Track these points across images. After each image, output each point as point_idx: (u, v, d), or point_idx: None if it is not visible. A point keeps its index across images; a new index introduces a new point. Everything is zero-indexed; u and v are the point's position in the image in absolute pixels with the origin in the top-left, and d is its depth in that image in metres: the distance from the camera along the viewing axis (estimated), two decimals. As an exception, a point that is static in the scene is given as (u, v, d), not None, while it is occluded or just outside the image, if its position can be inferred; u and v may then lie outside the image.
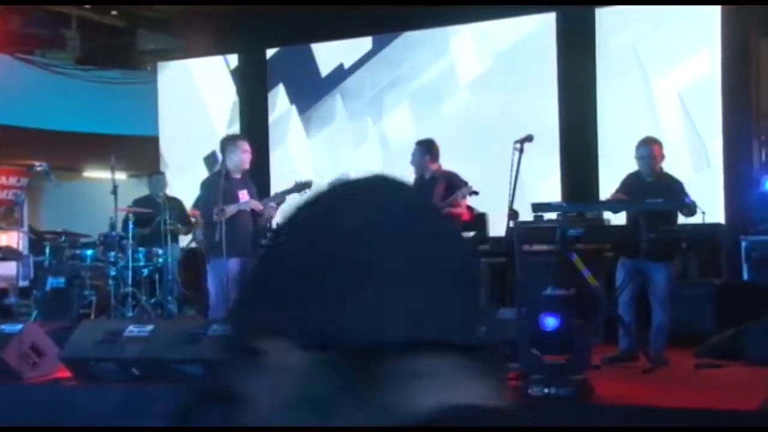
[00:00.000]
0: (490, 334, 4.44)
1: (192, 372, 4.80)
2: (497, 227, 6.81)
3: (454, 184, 6.08)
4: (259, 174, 8.80)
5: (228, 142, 6.10)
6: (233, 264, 5.86)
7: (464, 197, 6.11)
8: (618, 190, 5.64)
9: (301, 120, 9.20)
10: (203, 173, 8.55)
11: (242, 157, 5.95)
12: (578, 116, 7.86)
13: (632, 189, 5.52)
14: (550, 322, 4.87)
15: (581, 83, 7.81)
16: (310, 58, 9.08)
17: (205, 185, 6.18)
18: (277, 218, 6.40)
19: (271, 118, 9.28)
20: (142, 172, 9.37)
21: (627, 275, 5.45)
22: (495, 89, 8.24)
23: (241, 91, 9.51)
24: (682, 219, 5.57)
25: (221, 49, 9.79)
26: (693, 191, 5.44)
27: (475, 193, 6.16)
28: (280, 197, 6.05)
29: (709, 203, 6.22)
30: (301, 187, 5.94)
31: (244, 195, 5.94)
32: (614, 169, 6.24)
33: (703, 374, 5.17)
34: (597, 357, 5.43)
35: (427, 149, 6.19)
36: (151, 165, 9.65)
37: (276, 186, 7.52)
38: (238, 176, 5.98)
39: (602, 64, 7.75)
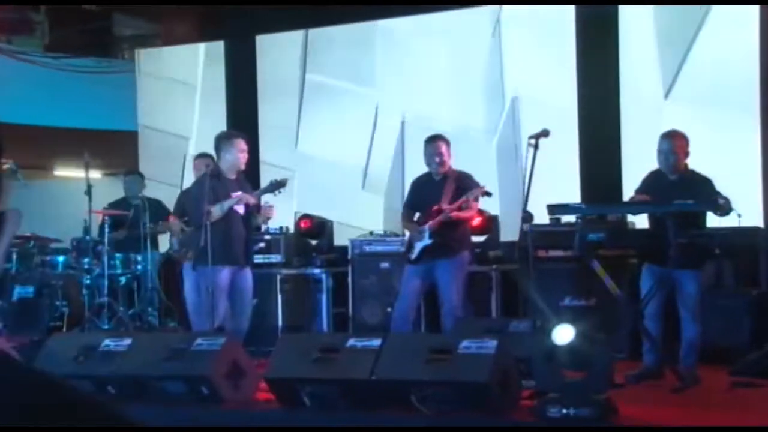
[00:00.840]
0: (502, 349, 4.43)
1: (175, 391, 4.79)
2: (510, 231, 6.79)
3: (465, 185, 6.04)
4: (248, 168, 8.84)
5: (223, 139, 6.09)
6: (223, 273, 5.84)
7: (476, 199, 6.08)
8: (638, 190, 5.62)
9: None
10: (187, 172, 8.52)
11: (238, 156, 5.95)
12: (599, 109, 7.84)
13: (654, 188, 5.49)
14: (568, 335, 4.85)
15: (602, 71, 7.80)
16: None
17: (194, 186, 6.18)
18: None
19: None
20: (118, 171, 9.36)
21: (653, 284, 5.43)
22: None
23: (229, 81, 9.49)
24: (712, 221, 5.55)
25: (206, 36, 9.78)
26: (726, 190, 5.40)
27: (488, 194, 6.13)
28: (257, 197, 6.07)
29: (746, 204, 6.19)
30: (275, 186, 5.95)
31: (237, 197, 5.94)
32: (639, 167, 6.21)
33: (738, 394, 5.15)
34: (620, 375, 5.41)
35: (445, 143, 6.11)
36: (129, 163, 9.63)
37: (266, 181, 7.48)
38: (232, 177, 5.98)
39: (625, 50, 7.73)
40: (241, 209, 5.95)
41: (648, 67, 7.67)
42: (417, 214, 6.26)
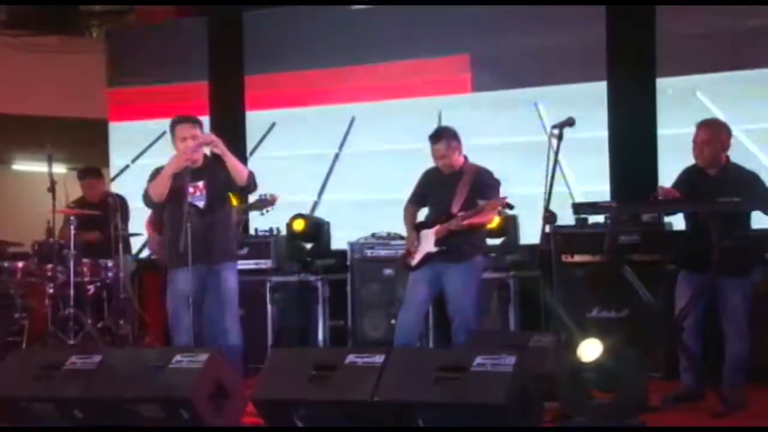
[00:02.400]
0: (521, 366, 4.45)
1: (150, 415, 4.82)
2: (530, 233, 6.81)
3: (483, 186, 6.03)
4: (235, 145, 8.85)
5: (169, 126, 5.99)
6: (177, 277, 5.75)
7: (495, 211, 6.06)
8: (673, 186, 5.65)
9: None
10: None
11: (177, 146, 5.78)
12: (631, 93, 7.86)
13: (693, 185, 5.52)
14: (596, 351, 4.88)
15: (635, 50, 7.82)
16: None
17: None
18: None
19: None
20: (85, 164, 9.38)
21: (693, 293, 5.45)
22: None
23: (211, 63, 9.53)
24: (759, 222, 5.57)
25: (186, 10, 9.81)
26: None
27: (510, 206, 6.05)
28: (242, 214, 6.01)
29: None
30: (263, 203, 5.86)
31: (196, 189, 5.81)
32: (677, 160, 6.24)
33: (790, 419, 5.18)
34: (656, 396, 5.44)
35: (452, 138, 6.09)
36: (97, 155, 9.68)
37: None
38: (195, 165, 5.78)
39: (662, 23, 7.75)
40: (200, 203, 5.85)
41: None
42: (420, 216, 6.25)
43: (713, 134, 5.51)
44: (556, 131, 5.22)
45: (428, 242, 6.03)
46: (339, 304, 7.57)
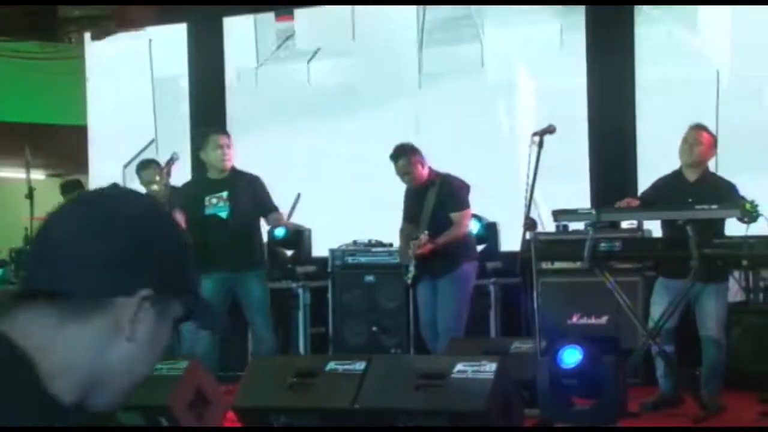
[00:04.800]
0: (502, 373, 4.48)
1: (130, 422, 4.81)
2: (511, 240, 6.84)
3: (450, 194, 6.08)
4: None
5: (198, 139, 6.19)
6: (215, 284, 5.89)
7: (466, 222, 6.19)
8: (645, 194, 5.75)
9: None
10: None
11: (216, 154, 6.00)
12: (611, 101, 7.91)
13: (671, 192, 5.59)
14: (576, 357, 4.91)
15: (615, 59, 7.87)
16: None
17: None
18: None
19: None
20: (64, 171, 9.37)
21: (671, 300, 5.49)
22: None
23: (192, 69, 9.51)
24: (736, 229, 5.61)
25: (166, 17, 9.80)
26: (754, 193, 5.48)
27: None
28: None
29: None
30: (295, 203, 6.22)
31: (219, 199, 6.01)
32: (656, 168, 6.29)
33: (768, 424, 5.23)
34: (635, 402, 5.47)
35: (412, 153, 6.16)
36: (76, 162, 9.64)
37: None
38: (219, 176, 6.06)
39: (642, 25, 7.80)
40: (223, 213, 6.00)
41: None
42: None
43: (705, 137, 5.61)
44: (536, 138, 5.26)
45: (410, 266, 6.14)
46: (320, 311, 7.57)
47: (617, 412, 4.83)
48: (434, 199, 6.07)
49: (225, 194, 6.01)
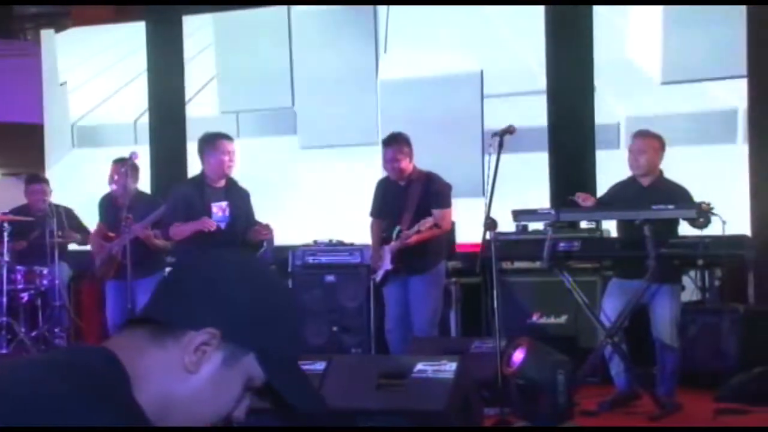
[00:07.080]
0: (462, 372, 4.50)
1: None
2: (470, 239, 6.88)
3: (433, 191, 6.10)
4: (176, 166, 8.80)
5: (205, 142, 6.08)
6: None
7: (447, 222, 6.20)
8: (602, 199, 5.83)
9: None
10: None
11: (222, 159, 5.92)
12: (571, 104, 7.98)
13: (625, 196, 5.68)
14: (520, 356, 4.95)
15: (574, 63, 7.94)
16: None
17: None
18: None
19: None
20: (20, 170, 9.26)
21: (629, 299, 5.54)
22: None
23: (151, 68, 9.44)
24: (684, 231, 5.70)
25: (124, 15, 9.72)
26: (709, 196, 5.56)
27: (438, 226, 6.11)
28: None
29: (732, 210, 6.35)
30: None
31: (219, 209, 5.96)
32: (615, 169, 6.36)
33: (724, 422, 5.28)
34: (592, 401, 5.53)
35: (404, 144, 6.16)
36: (33, 161, 9.53)
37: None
38: (218, 185, 5.99)
39: (600, 25, 7.88)
40: (222, 223, 5.94)
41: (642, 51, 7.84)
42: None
43: (648, 144, 5.67)
44: (496, 139, 5.29)
45: (387, 259, 6.12)
46: (280, 311, 7.54)
47: (569, 410, 4.89)
48: (418, 197, 6.09)
49: (224, 204, 5.99)
